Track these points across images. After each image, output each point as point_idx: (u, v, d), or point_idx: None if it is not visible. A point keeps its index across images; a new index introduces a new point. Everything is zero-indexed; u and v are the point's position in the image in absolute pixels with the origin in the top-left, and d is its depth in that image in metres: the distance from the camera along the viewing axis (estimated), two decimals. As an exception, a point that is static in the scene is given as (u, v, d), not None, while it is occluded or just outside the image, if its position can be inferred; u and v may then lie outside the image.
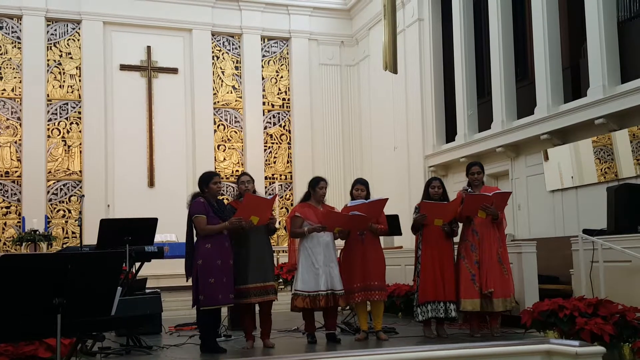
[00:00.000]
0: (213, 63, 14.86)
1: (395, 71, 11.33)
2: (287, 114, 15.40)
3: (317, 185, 6.13)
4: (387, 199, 6.20)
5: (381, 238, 6.37)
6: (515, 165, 10.62)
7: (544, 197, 9.87)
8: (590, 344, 4.44)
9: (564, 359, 4.06)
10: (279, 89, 15.41)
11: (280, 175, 15.26)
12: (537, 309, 5.49)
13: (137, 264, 6.79)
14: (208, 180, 5.75)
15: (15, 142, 13.38)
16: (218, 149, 14.79)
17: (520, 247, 6.83)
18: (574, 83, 9.73)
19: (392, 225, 7.32)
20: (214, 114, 14.78)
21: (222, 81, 14.97)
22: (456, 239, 6.34)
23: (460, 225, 6.32)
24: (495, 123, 10.82)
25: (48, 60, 13.74)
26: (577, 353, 4.02)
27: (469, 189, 6.30)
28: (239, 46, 15.14)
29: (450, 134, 12.42)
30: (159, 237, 8.49)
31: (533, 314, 5.52)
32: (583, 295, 5.75)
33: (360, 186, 6.23)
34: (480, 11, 11.76)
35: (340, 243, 6.20)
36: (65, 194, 13.65)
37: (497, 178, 11.21)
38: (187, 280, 5.74)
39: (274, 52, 15.45)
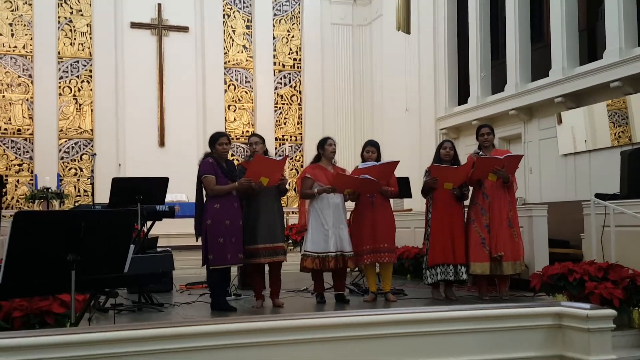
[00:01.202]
0: (224, 22, 14.69)
1: (408, 31, 11.18)
2: (297, 75, 15.27)
3: (325, 143, 6.13)
4: (398, 161, 6.18)
5: (391, 200, 6.37)
6: (528, 128, 10.52)
7: (556, 160, 9.80)
8: (601, 307, 4.45)
9: (574, 321, 4.07)
10: (290, 49, 15.24)
11: (291, 136, 15.21)
12: (547, 273, 5.49)
13: (149, 223, 6.84)
14: (214, 141, 5.76)
15: (27, 100, 13.39)
16: (228, 109, 14.73)
17: (531, 210, 6.81)
18: (590, 45, 9.56)
19: (403, 188, 7.30)
20: (225, 74, 14.68)
21: (233, 40, 14.82)
22: (466, 202, 6.33)
23: (471, 188, 6.30)
24: (509, 85, 10.69)
25: (59, 17, 13.64)
26: (587, 316, 4.02)
27: (480, 152, 6.26)
28: (250, 4, 14.94)
29: (462, 96, 12.29)
30: (169, 197, 8.52)
31: (542, 277, 5.52)
32: (593, 260, 5.74)
33: (371, 148, 6.20)
34: (497, -30, 11.50)
35: (350, 205, 6.21)
36: (77, 152, 13.70)
37: (510, 141, 11.12)
38: (196, 240, 5.79)
39: (285, 11, 15.23)
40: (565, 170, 9.63)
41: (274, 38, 15.06)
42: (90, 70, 13.78)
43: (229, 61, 14.76)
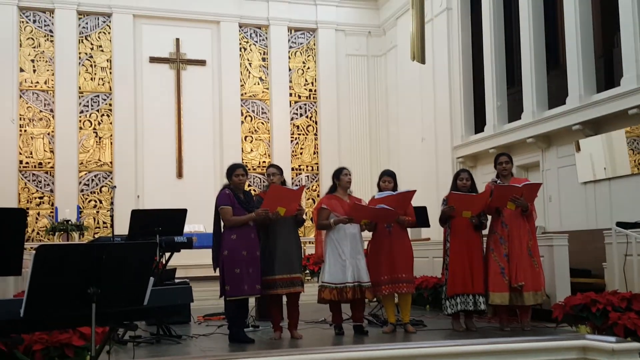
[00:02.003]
0: (240, 55, 14.91)
1: (423, 61, 11.23)
2: (313, 105, 15.39)
3: (340, 173, 6.14)
4: (415, 191, 6.17)
5: (408, 229, 6.34)
6: (546, 156, 10.46)
7: (575, 188, 9.71)
8: (626, 340, 4.36)
9: (599, 355, 3.99)
10: (306, 80, 15.40)
11: (307, 166, 15.27)
12: (569, 303, 5.42)
13: (167, 254, 6.87)
14: (230, 172, 5.81)
15: (48, 134, 13.61)
16: (245, 140, 14.86)
17: (552, 239, 6.74)
18: (607, 72, 9.53)
19: (420, 217, 7.28)
20: (241, 106, 14.84)
21: (250, 73, 15.01)
22: (485, 232, 6.29)
23: (489, 217, 6.26)
24: (526, 113, 10.67)
25: (80, 53, 13.93)
26: (613, 349, 3.94)
27: (498, 181, 6.24)
28: (266, 37, 15.16)
29: (479, 124, 12.29)
30: (187, 228, 8.55)
31: (565, 308, 5.45)
32: (616, 290, 5.66)
33: (388, 178, 6.21)
34: None
35: (367, 235, 6.19)
36: (97, 185, 13.85)
37: (528, 169, 11.07)
38: (214, 271, 5.80)
39: (301, 43, 15.43)
40: (585, 198, 9.54)
41: (289, 70, 15.23)
42: (110, 104, 14.01)
43: (245, 93, 14.94)
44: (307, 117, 15.35)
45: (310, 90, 15.40)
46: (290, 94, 15.21)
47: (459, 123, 12.56)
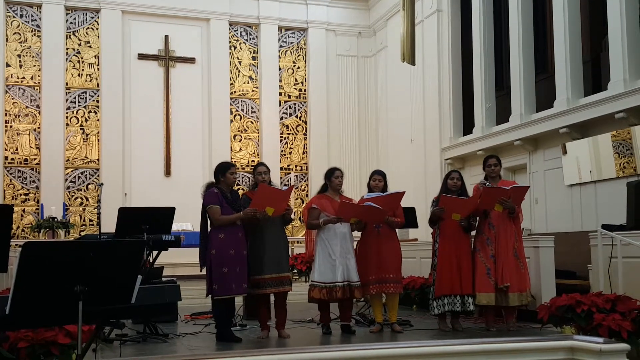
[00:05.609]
0: (230, 53, 14.88)
1: (413, 63, 11.27)
2: (303, 105, 15.40)
3: (332, 175, 6.14)
4: (404, 192, 6.19)
5: (396, 230, 6.36)
6: (533, 158, 10.54)
7: (562, 191, 9.79)
8: (614, 341, 4.39)
9: (587, 355, 4.02)
10: (296, 80, 15.39)
11: (296, 166, 15.27)
12: (555, 304, 5.46)
13: (154, 253, 6.84)
14: (225, 170, 5.76)
15: (34, 130, 13.51)
16: (234, 139, 14.83)
17: (538, 241, 6.79)
18: (595, 76, 9.63)
19: (409, 218, 7.30)
20: (231, 104, 14.81)
21: (239, 71, 14.99)
22: (473, 233, 6.32)
23: (477, 218, 6.29)
24: (514, 116, 10.74)
25: (67, 48, 13.83)
26: (601, 350, 3.97)
27: (487, 183, 6.28)
28: (257, 36, 15.14)
29: (467, 126, 12.35)
30: (175, 226, 8.51)
31: (550, 308, 5.49)
32: (601, 291, 5.71)
33: (378, 177, 6.23)
34: (500, 2, 11.65)
35: (357, 235, 6.21)
36: (83, 182, 13.77)
37: (515, 172, 11.14)
38: (201, 270, 5.78)
39: (291, 43, 15.43)
40: (571, 200, 9.62)
41: (279, 69, 15.22)
42: (98, 101, 13.93)
43: (235, 92, 14.91)
44: (296, 116, 15.35)
45: (300, 89, 15.40)
46: (280, 94, 15.20)
47: (448, 125, 12.61)
